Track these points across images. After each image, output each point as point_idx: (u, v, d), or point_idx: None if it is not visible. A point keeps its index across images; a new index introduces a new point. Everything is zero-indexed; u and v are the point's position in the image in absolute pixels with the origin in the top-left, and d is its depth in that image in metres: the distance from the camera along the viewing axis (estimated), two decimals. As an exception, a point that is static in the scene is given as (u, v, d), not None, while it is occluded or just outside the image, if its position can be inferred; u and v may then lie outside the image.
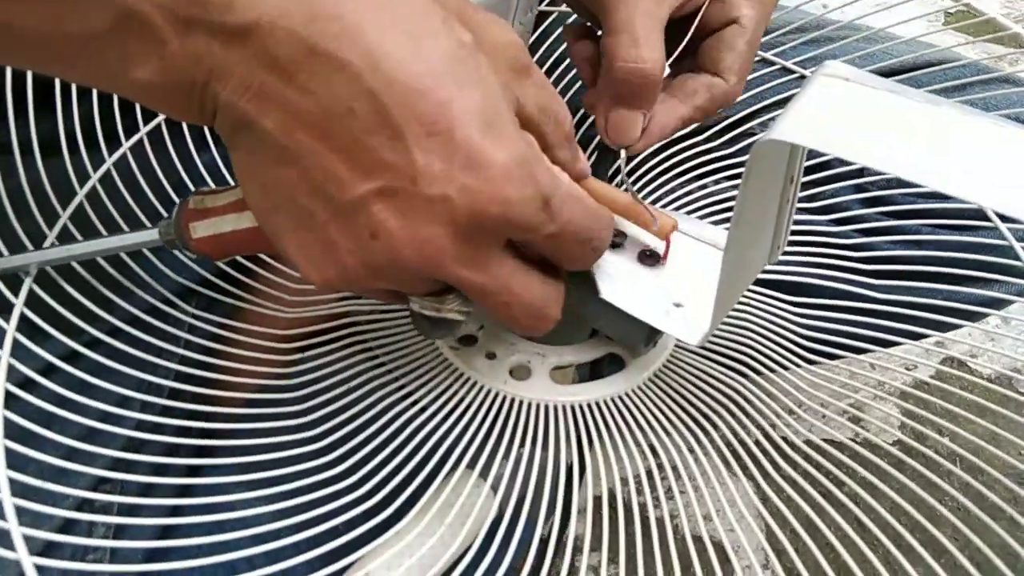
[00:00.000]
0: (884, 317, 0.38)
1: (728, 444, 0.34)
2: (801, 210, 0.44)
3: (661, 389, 0.35)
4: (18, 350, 0.33)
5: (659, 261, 0.33)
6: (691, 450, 0.34)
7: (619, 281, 0.32)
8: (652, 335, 0.34)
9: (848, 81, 0.28)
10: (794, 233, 0.42)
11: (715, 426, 0.34)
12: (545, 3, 0.51)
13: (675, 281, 0.33)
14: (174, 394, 0.36)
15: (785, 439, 0.34)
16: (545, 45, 0.50)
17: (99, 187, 0.40)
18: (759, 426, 0.34)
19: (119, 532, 0.34)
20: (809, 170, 0.44)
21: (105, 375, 0.34)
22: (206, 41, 0.22)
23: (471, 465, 0.32)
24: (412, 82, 0.23)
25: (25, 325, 0.34)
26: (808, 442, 0.34)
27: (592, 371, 0.39)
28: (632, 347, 0.35)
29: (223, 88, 0.23)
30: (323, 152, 0.23)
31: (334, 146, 0.23)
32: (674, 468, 0.33)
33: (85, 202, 0.39)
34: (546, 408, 0.34)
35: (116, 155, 0.41)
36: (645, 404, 0.34)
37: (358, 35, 0.22)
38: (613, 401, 0.34)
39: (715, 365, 0.36)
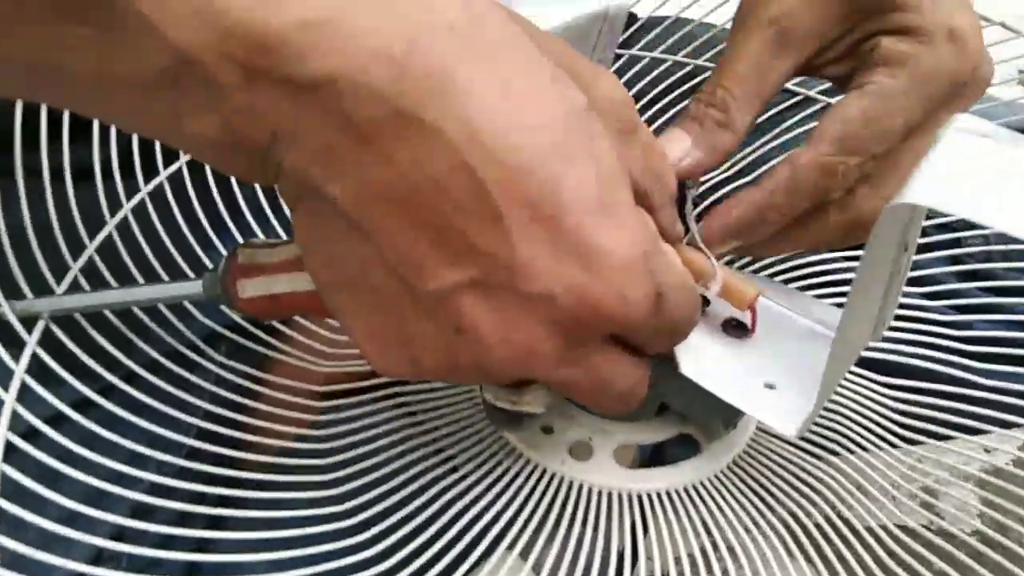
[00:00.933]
0: (983, 404, 0.34)
1: (787, 526, 0.29)
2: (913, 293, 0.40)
3: (740, 479, 0.31)
4: (27, 395, 0.29)
5: (747, 333, 0.29)
6: (747, 530, 0.29)
7: (702, 355, 0.28)
8: (732, 416, 0.30)
9: (986, 138, 0.24)
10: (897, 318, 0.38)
11: (774, 504, 0.30)
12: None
13: (765, 358, 0.29)
14: (192, 454, 0.32)
15: (848, 524, 0.30)
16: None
17: (131, 217, 0.37)
18: (821, 508, 0.30)
19: None
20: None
21: (119, 428, 0.31)
22: (273, 96, 0.19)
23: (511, 546, 0.28)
24: (515, 157, 0.19)
25: (36, 367, 0.31)
26: (875, 528, 0.29)
27: (655, 452, 0.35)
28: (710, 429, 0.31)
29: (289, 150, 0.19)
30: (403, 231, 0.19)
31: (417, 225, 0.19)
32: (730, 549, 0.29)
33: (115, 232, 0.36)
34: (608, 495, 0.30)
35: (152, 184, 0.38)
36: (720, 491, 0.30)
37: (454, 97, 0.19)
38: (687, 491, 0.30)
39: (801, 453, 0.32)
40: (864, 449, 0.33)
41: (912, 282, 0.40)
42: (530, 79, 0.20)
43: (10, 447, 0.28)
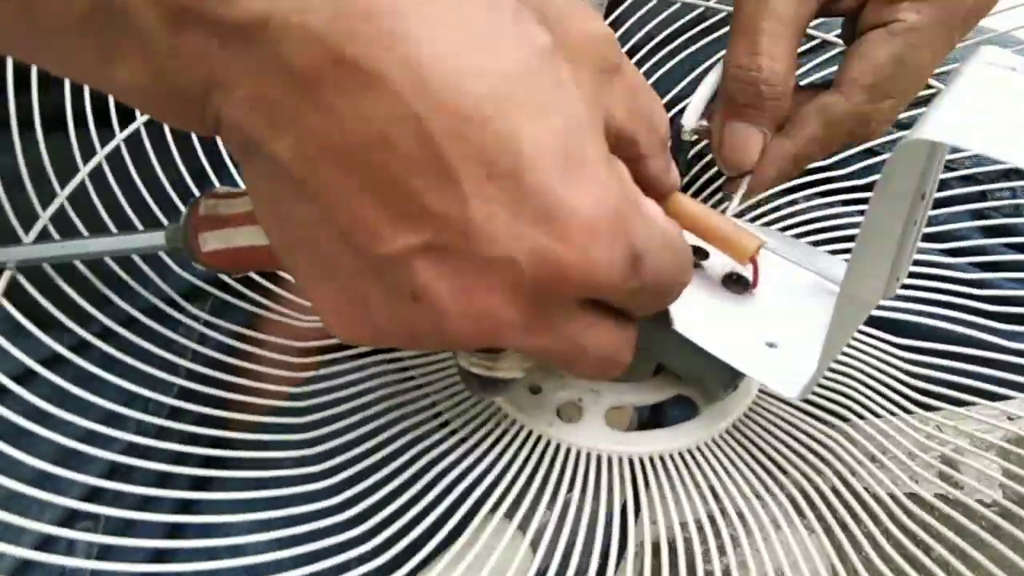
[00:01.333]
0: (1005, 367, 0.32)
1: (801, 490, 0.28)
2: (932, 250, 0.38)
3: (739, 443, 0.29)
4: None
5: (748, 288, 0.27)
6: (758, 496, 0.28)
7: (698, 310, 0.26)
8: (734, 377, 0.28)
9: (1015, 71, 0.22)
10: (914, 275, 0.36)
11: (784, 471, 0.28)
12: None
13: (767, 314, 0.27)
14: (174, 413, 0.31)
15: (868, 489, 0.28)
16: (618, 35, 0.44)
17: (106, 166, 0.35)
18: (837, 472, 0.28)
19: (104, 553, 0.29)
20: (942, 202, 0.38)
21: (93, 385, 0.29)
22: (202, 41, 0.17)
23: (494, 508, 0.27)
24: (469, 106, 0.17)
25: (3, 322, 0.29)
26: (892, 496, 0.28)
27: (653, 413, 0.33)
28: (709, 390, 0.29)
29: (225, 101, 0.18)
30: (350, 191, 0.17)
31: (365, 184, 0.17)
32: (739, 514, 0.27)
33: (88, 181, 0.34)
34: (598, 459, 0.28)
35: (128, 131, 0.36)
36: (719, 457, 0.28)
37: (398, 40, 0.16)
38: (681, 456, 0.28)
39: (807, 417, 0.30)
40: (876, 416, 0.31)
41: (932, 238, 0.37)
42: (487, 17, 0.18)
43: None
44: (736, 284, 0.27)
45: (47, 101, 0.34)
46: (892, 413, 0.31)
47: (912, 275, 0.35)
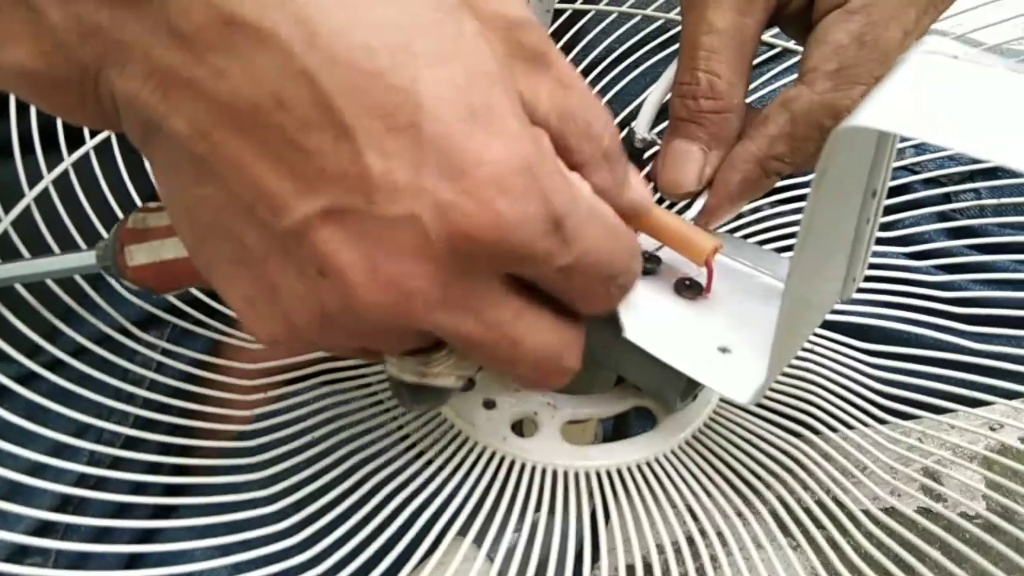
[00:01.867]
0: (974, 371, 0.31)
1: (783, 506, 0.27)
2: (895, 253, 0.37)
3: (700, 454, 0.28)
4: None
5: (701, 293, 0.27)
6: (739, 514, 0.27)
7: (649, 317, 0.26)
8: (690, 387, 0.28)
9: (957, 59, 0.21)
10: (878, 280, 0.35)
11: (763, 489, 0.27)
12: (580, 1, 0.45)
13: (721, 319, 0.26)
14: (130, 443, 0.30)
15: (843, 508, 0.27)
16: (578, 48, 0.44)
17: (52, 190, 0.34)
18: (814, 491, 0.27)
19: None
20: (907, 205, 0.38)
21: (42, 417, 0.28)
22: (92, 8, 0.16)
23: (462, 532, 0.26)
24: (362, 59, 0.16)
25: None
26: (870, 513, 0.27)
27: (617, 426, 0.32)
28: (665, 400, 0.28)
29: (120, 76, 0.17)
30: (249, 159, 0.16)
31: (263, 151, 0.16)
32: (719, 534, 0.26)
33: (33, 206, 0.33)
34: (554, 474, 0.27)
35: (76, 155, 0.35)
36: (679, 469, 0.28)
37: None
38: (639, 468, 0.27)
39: (769, 425, 0.29)
40: (847, 425, 0.30)
41: (897, 241, 0.37)
42: None
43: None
44: (689, 290, 0.27)
45: None
46: (862, 423, 0.30)
47: (877, 279, 0.35)
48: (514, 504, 0.26)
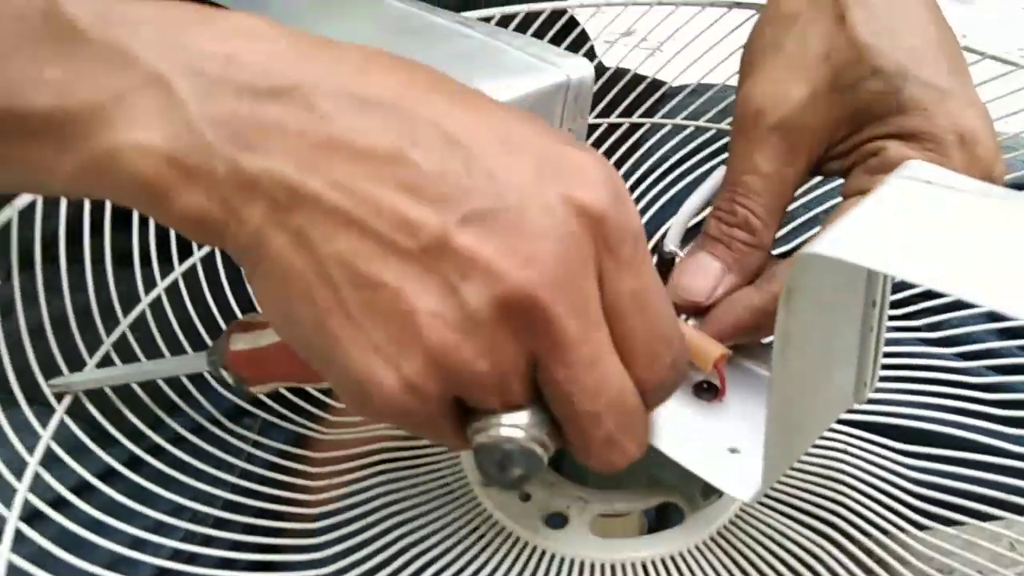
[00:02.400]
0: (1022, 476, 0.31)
1: None
2: (920, 340, 0.38)
3: (724, 551, 0.29)
4: (52, 464, 0.32)
5: (717, 396, 0.28)
6: None
7: (667, 416, 0.28)
8: (709, 484, 0.29)
9: (930, 184, 0.23)
10: (911, 368, 0.36)
11: None
12: (595, 114, 0.49)
13: (733, 421, 0.28)
14: (219, 523, 0.33)
15: None
16: (634, 159, 0.47)
17: (164, 297, 0.40)
18: None
19: None
20: (930, 294, 0.38)
21: (144, 496, 0.33)
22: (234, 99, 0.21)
23: None
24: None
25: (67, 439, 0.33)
26: None
27: (660, 519, 0.33)
28: (689, 496, 0.30)
29: (266, 160, 0.20)
30: (387, 196, 0.19)
31: (398, 188, 0.19)
32: None
33: (148, 311, 0.39)
34: (581, 565, 0.29)
35: (185, 265, 0.41)
36: (702, 565, 0.29)
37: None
38: (663, 562, 0.29)
39: (797, 525, 0.30)
40: (878, 528, 0.30)
41: (945, 342, 0.37)
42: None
43: (36, 513, 0.30)
44: (706, 392, 0.29)
45: (116, 239, 0.39)
46: (896, 525, 0.30)
47: (925, 381, 0.35)
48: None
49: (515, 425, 0.21)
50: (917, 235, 0.21)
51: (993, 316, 0.37)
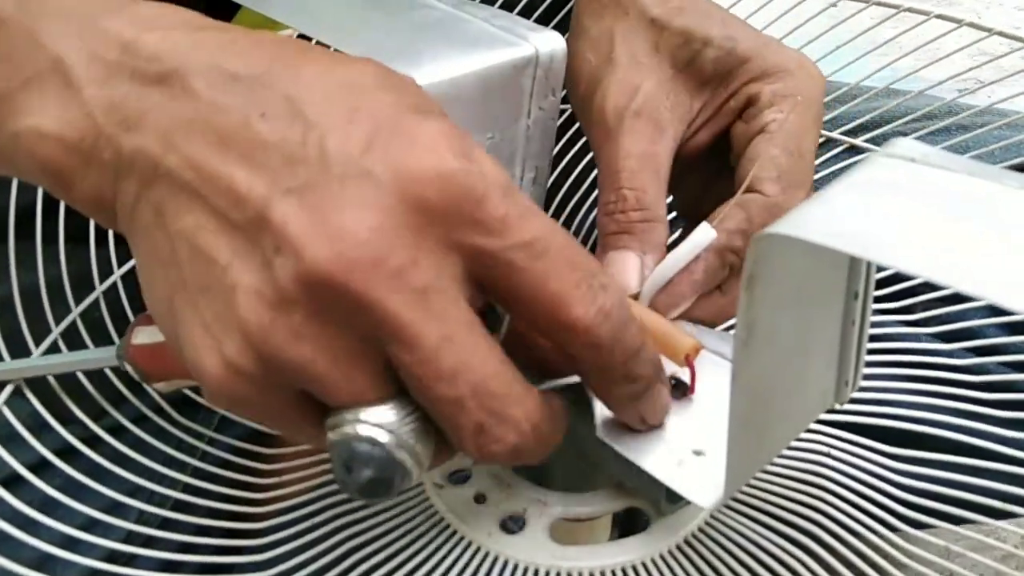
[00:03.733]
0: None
1: None
2: (922, 335, 0.35)
3: (690, 560, 0.27)
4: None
5: (685, 394, 0.26)
6: None
7: (626, 416, 0.25)
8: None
9: (914, 162, 0.21)
10: (908, 366, 0.33)
11: None
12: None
13: (701, 421, 0.25)
14: (179, 506, 0.32)
15: None
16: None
17: (120, 285, 0.38)
18: None
19: None
20: (930, 286, 0.35)
21: (98, 478, 0.31)
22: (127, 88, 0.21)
23: None
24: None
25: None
26: None
27: (629, 528, 0.31)
28: (653, 502, 0.28)
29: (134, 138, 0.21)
30: (217, 166, 0.19)
31: (232, 158, 0.19)
32: None
33: (102, 299, 0.37)
34: (536, 572, 0.27)
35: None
36: (675, 573, 0.26)
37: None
38: (624, 571, 0.26)
39: (771, 533, 0.27)
40: (860, 537, 0.28)
41: (946, 337, 0.34)
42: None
43: None
44: (675, 389, 0.26)
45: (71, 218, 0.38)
46: (882, 536, 0.28)
47: (922, 380, 0.33)
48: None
49: (368, 422, 0.19)
50: (898, 216, 0.19)
51: (996, 310, 0.35)
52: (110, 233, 0.39)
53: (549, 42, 0.29)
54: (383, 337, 0.19)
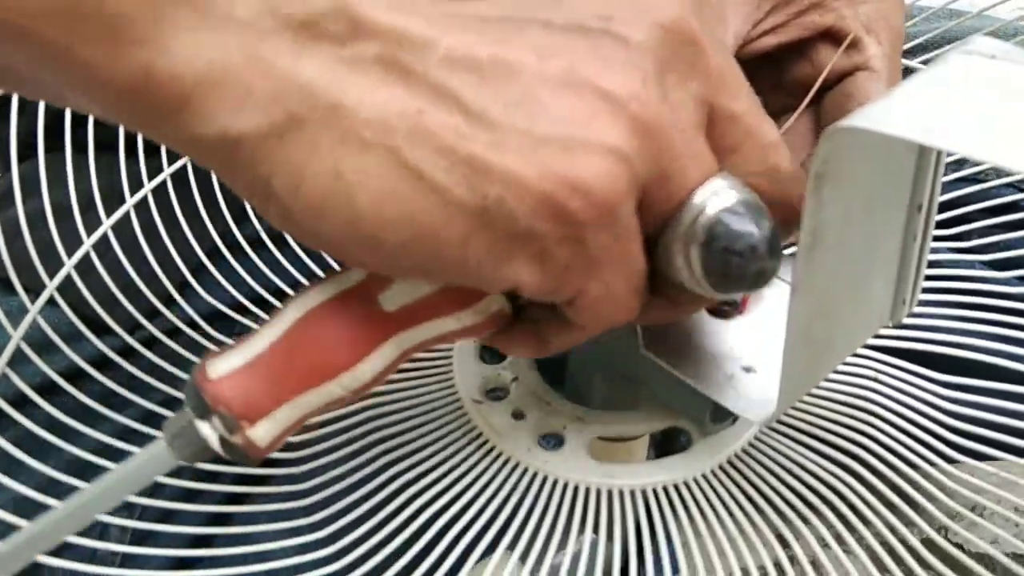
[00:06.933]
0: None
1: (884, 542, 0.24)
2: (976, 263, 0.34)
3: (733, 480, 0.26)
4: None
5: (737, 311, 0.25)
6: (825, 545, 0.25)
7: (675, 333, 0.25)
8: (723, 408, 0.26)
9: (994, 59, 0.19)
10: (959, 292, 0.32)
11: (771, 514, 0.25)
12: None
13: (752, 338, 0.25)
14: None
15: (961, 547, 0.25)
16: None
17: (151, 199, 0.37)
18: (922, 528, 0.25)
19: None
20: (984, 212, 0.34)
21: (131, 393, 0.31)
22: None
23: (510, 547, 0.25)
24: None
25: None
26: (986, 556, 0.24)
27: (667, 449, 0.31)
28: (698, 421, 0.27)
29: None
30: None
31: None
32: (812, 561, 0.25)
33: (92, 252, 0.35)
34: (576, 489, 0.26)
35: (176, 165, 0.38)
36: (708, 495, 0.26)
37: None
38: (665, 490, 0.26)
39: (816, 456, 0.27)
40: (907, 461, 0.27)
41: (1001, 264, 0.33)
42: None
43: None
44: (726, 307, 0.25)
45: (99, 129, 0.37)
46: (929, 461, 0.27)
47: (974, 307, 0.32)
48: (544, 520, 0.25)
49: (726, 188, 0.19)
50: (977, 110, 0.17)
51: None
52: (139, 143, 0.38)
53: None
54: (712, 89, 0.19)
